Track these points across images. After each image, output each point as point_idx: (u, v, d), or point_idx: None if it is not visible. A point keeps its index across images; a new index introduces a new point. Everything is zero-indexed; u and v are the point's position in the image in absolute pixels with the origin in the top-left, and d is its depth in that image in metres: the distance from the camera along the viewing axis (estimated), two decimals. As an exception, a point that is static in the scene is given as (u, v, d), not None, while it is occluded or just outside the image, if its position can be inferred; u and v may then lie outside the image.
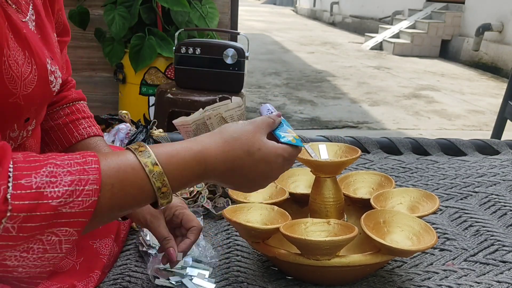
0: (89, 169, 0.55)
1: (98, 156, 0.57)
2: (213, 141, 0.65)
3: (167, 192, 0.60)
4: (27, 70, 0.64)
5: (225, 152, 0.65)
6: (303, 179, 1.06)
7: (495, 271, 0.91)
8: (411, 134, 3.47)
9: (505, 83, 5.32)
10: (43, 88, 0.69)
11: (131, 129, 1.45)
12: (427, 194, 0.94)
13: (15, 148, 0.71)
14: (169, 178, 0.60)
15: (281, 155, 0.69)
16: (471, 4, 7.12)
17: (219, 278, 0.87)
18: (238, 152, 0.66)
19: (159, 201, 0.60)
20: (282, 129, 0.75)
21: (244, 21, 10.78)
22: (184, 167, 0.62)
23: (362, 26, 10.19)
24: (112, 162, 0.58)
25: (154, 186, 0.59)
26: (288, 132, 0.74)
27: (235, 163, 0.65)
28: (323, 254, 0.79)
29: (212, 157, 0.64)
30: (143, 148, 0.61)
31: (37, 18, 0.72)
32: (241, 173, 0.67)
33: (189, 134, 1.04)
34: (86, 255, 0.83)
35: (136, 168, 0.59)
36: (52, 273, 0.79)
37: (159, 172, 0.59)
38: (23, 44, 0.64)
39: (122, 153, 0.60)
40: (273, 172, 0.70)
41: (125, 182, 0.57)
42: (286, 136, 0.73)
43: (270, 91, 4.88)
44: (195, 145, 0.64)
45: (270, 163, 0.68)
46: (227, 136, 0.66)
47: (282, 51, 7.55)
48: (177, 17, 2.63)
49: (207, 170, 0.64)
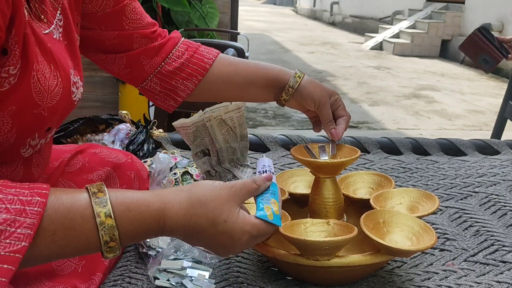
0: (30, 211, 0.51)
1: (49, 196, 0.53)
2: (178, 201, 0.61)
3: (114, 247, 0.57)
4: (53, 83, 0.64)
5: (187, 217, 0.60)
6: (303, 179, 1.06)
7: (495, 271, 0.91)
8: (411, 134, 3.47)
9: (505, 83, 5.32)
10: (66, 99, 0.68)
11: (131, 129, 1.45)
12: (426, 194, 0.94)
13: (31, 155, 0.70)
14: (120, 233, 0.56)
15: (248, 232, 0.63)
16: (471, 4, 7.12)
17: (219, 278, 0.87)
18: (201, 219, 0.61)
19: (103, 254, 0.57)
20: (265, 196, 0.67)
21: (244, 21, 10.78)
22: (139, 223, 0.58)
23: (362, 26, 10.20)
24: (61, 206, 0.54)
25: (101, 240, 0.55)
26: (271, 203, 0.66)
27: (195, 229, 0.61)
28: (322, 255, 0.79)
29: (172, 219, 0.60)
30: (101, 193, 0.57)
31: (65, 23, 0.70)
32: (200, 238, 0.63)
33: (189, 136, 1.04)
34: (88, 258, 0.83)
35: (86, 217, 0.55)
36: (54, 275, 0.79)
37: (111, 226, 0.55)
38: (48, 58, 0.63)
39: (77, 194, 0.56)
40: (235, 247, 0.64)
41: (70, 231, 0.54)
42: (265, 209, 0.65)
43: (270, 91, 4.87)
44: (157, 202, 0.60)
45: (233, 239, 0.63)
46: (194, 198, 0.61)
47: (282, 51, 7.55)
48: (177, 17, 2.64)
49: (165, 230, 0.61)
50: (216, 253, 0.67)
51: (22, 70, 0.58)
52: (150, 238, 0.62)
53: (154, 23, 0.91)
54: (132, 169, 0.95)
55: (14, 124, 0.60)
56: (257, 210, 0.65)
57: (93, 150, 0.93)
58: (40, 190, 0.53)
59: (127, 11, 0.85)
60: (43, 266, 0.78)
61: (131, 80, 0.92)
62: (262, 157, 0.75)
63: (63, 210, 0.54)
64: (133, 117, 1.53)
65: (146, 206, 0.59)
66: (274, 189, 0.68)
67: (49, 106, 0.63)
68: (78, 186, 0.86)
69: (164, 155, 1.17)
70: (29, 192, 0.52)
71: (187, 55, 0.92)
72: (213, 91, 0.96)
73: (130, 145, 1.38)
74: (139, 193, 0.61)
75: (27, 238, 0.50)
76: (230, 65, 0.94)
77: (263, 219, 0.64)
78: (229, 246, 0.64)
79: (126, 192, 0.60)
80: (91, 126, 1.48)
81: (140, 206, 0.58)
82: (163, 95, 0.94)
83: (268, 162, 0.73)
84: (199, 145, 1.07)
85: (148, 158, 1.36)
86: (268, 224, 0.65)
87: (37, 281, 0.77)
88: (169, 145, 1.48)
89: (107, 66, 0.90)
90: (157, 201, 0.60)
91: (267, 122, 3.90)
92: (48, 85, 0.62)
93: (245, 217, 0.64)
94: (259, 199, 0.67)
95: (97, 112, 1.76)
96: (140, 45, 0.88)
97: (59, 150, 0.91)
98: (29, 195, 0.52)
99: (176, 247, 0.89)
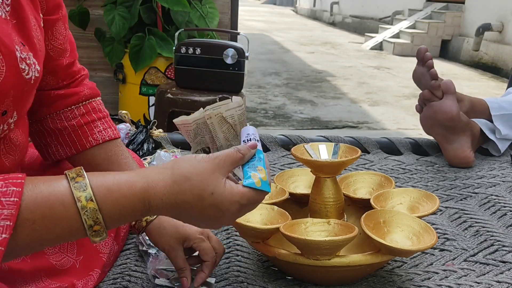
0: (6, 202, 0.49)
1: (25, 185, 0.51)
2: (162, 179, 0.59)
3: (100, 230, 0.55)
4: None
5: (172, 194, 0.59)
6: (303, 179, 1.06)
7: (495, 271, 0.91)
8: (411, 134, 3.47)
9: (505, 83, 5.32)
10: (15, 78, 0.63)
11: (131, 129, 1.45)
12: (427, 195, 0.94)
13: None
14: (104, 216, 0.55)
15: (236, 202, 0.61)
16: (471, 4, 7.12)
17: (219, 278, 0.87)
18: (187, 196, 0.59)
19: (90, 239, 0.55)
20: (251, 164, 0.65)
21: (244, 21, 10.78)
22: (124, 205, 0.57)
23: (362, 26, 10.19)
24: (39, 195, 0.52)
25: (85, 224, 0.54)
26: (258, 170, 0.65)
27: (182, 206, 0.60)
28: (323, 254, 0.79)
29: (157, 197, 0.58)
30: (80, 178, 0.55)
31: (13, 1, 0.66)
32: (188, 214, 0.61)
33: (190, 133, 1.04)
34: (85, 253, 0.83)
35: (66, 203, 0.53)
36: (52, 271, 0.79)
37: (93, 209, 0.54)
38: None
39: (56, 181, 0.55)
40: (224, 218, 0.62)
41: (51, 219, 0.52)
42: (252, 176, 0.63)
43: (270, 91, 4.88)
44: (140, 181, 0.58)
45: (221, 210, 0.61)
46: (177, 174, 0.59)
47: (282, 51, 7.55)
48: (177, 17, 2.63)
49: (151, 210, 0.59)
50: (207, 226, 0.66)
51: None
52: (136, 219, 0.60)
53: (75, 59, 0.84)
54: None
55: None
56: (244, 179, 0.63)
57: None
58: (15, 180, 0.51)
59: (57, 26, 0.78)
60: (40, 263, 0.77)
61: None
62: (245, 127, 0.74)
63: (41, 198, 0.52)
64: (133, 117, 1.53)
65: (129, 187, 0.57)
66: (260, 156, 0.67)
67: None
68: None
69: (165, 153, 1.17)
70: (3, 183, 0.51)
71: (76, 122, 0.83)
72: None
73: (130, 144, 1.38)
74: (120, 174, 0.59)
75: (7, 229, 0.49)
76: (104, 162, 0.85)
77: (251, 186, 0.62)
78: (219, 218, 0.62)
79: (106, 175, 0.58)
80: (91, 126, 1.48)
81: (122, 187, 0.57)
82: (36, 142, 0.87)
83: (252, 130, 0.71)
84: (200, 143, 1.07)
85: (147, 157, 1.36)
86: (257, 191, 0.63)
87: (35, 278, 0.76)
88: (169, 145, 1.48)
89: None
90: (140, 181, 0.58)
91: (267, 122, 3.90)
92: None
93: (232, 187, 0.62)
94: (246, 167, 0.65)
95: (97, 111, 1.76)
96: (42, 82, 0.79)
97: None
98: (4, 186, 0.50)
99: (176, 246, 0.89)
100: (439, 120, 1.37)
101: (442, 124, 1.37)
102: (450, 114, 1.35)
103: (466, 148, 1.39)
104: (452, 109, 1.34)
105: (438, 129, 1.40)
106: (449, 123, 1.36)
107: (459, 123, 1.37)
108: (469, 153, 1.39)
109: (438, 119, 1.37)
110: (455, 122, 1.36)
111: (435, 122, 1.38)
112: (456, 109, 1.35)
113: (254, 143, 0.67)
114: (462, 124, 1.37)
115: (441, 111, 1.35)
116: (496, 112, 1.47)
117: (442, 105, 1.36)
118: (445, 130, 1.38)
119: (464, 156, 1.39)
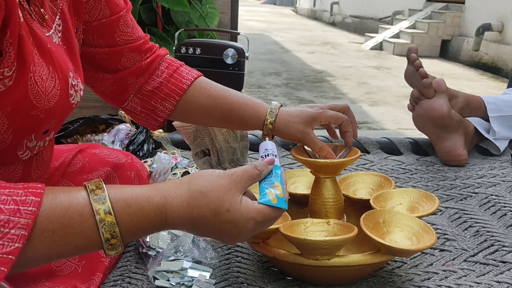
0: (24, 211, 0.50)
1: (44, 195, 0.52)
2: (178, 194, 0.60)
3: (116, 244, 0.56)
4: (51, 85, 0.63)
5: (188, 209, 0.60)
6: (303, 180, 1.07)
7: (495, 271, 0.91)
8: (411, 134, 3.47)
9: (505, 83, 5.32)
10: (64, 102, 0.67)
11: (131, 130, 1.45)
12: (426, 195, 0.94)
13: (31, 157, 0.70)
14: (121, 229, 0.56)
15: (252, 219, 0.62)
16: (471, 4, 7.12)
17: (219, 279, 0.87)
18: (203, 210, 0.60)
19: (105, 252, 0.56)
20: (268, 181, 0.66)
21: (244, 21, 10.78)
22: (141, 219, 0.57)
23: (362, 26, 10.19)
24: (59, 205, 0.53)
25: (102, 237, 0.55)
26: (274, 186, 0.65)
27: (198, 221, 0.60)
28: (322, 254, 0.79)
29: (174, 212, 0.59)
30: (100, 190, 0.56)
31: (64, 28, 0.71)
32: (205, 229, 0.62)
33: (189, 136, 1.04)
34: (88, 258, 0.83)
35: (85, 215, 0.54)
36: (54, 276, 0.79)
37: (111, 223, 0.55)
38: (47, 59, 0.63)
39: (75, 192, 0.55)
40: (240, 235, 0.63)
41: (70, 229, 0.53)
42: (268, 193, 0.64)
43: (270, 91, 4.88)
44: (158, 196, 0.59)
45: (237, 227, 0.62)
46: (194, 190, 0.60)
47: (282, 51, 7.55)
48: (177, 17, 2.63)
49: (167, 224, 0.60)
50: (223, 242, 0.67)
51: (19, 71, 0.58)
52: (153, 233, 0.61)
53: (146, 36, 0.91)
54: (132, 169, 0.95)
55: (10, 125, 0.60)
56: (260, 196, 0.64)
57: (93, 150, 0.93)
58: (34, 190, 0.52)
59: (121, 23, 0.85)
60: (43, 267, 0.78)
61: (114, 99, 0.92)
62: (265, 141, 0.74)
63: (61, 209, 0.53)
64: (133, 117, 1.53)
65: (146, 201, 0.58)
66: (277, 172, 0.67)
67: (46, 108, 0.63)
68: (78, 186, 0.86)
69: (165, 156, 1.17)
70: (23, 192, 0.51)
71: (166, 74, 0.92)
72: (192, 118, 0.96)
73: (130, 145, 1.38)
74: (138, 188, 0.60)
75: (20, 239, 0.49)
76: (208, 98, 0.92)
77: (267, 204, 0.63)
78: (235, 235, 0.63)
79: (125, 188, 0.58)
80: (91, 126, 1.48)
81: (140, 201, 0.57)
82: (144, 115, 0.93)
83: (271, 145, 0.71)
84: (199, 145, 1.07)
85: (148, 158, 1.36)
86: (273, 208, 0.64)
87: (37, 281, 0.77)
88: (169, 145, 1.48)
89: (94, 84, 0.90)
90: (157, 195, 0.59)
91: (267, 122, 3.90)
92: (45, 87, 0.62)
93: (249, 204, 0.62)
94: (262, 184, 0.65)
95: (97, 112, 1.76)
96: (129, 61, 0.88)
97: (59, 150, 0.91)
98: (23, 194, 0.51)
99: (176, 247, 0.89)
100: (430, 118, 1.37)
101: (434, 122, 1.37)
102: (440, 112, 1.35)
103: (459, 147, 1.39)
104: (442, 108, 1.35)
105: (430, 127, 1.40)
106: (440, 121, 1.36)
107: (450, 122, 1.37)
108: (461, 151, 1.40)
109: (429, 117, 1.37)
110: (446, 120, 1.36)
111: (427, 121, 1.39)
112: (447, 107, 1.35)
113: (272, 158, 0.68)
114: (454, 122, 1.38)
115: (432, 109, 1.36)
116: (494, 114, 1.48)
117: (433, 104, 1.36)
118: (437, 128, 1.39)
119: (457, 154, 1.39)
